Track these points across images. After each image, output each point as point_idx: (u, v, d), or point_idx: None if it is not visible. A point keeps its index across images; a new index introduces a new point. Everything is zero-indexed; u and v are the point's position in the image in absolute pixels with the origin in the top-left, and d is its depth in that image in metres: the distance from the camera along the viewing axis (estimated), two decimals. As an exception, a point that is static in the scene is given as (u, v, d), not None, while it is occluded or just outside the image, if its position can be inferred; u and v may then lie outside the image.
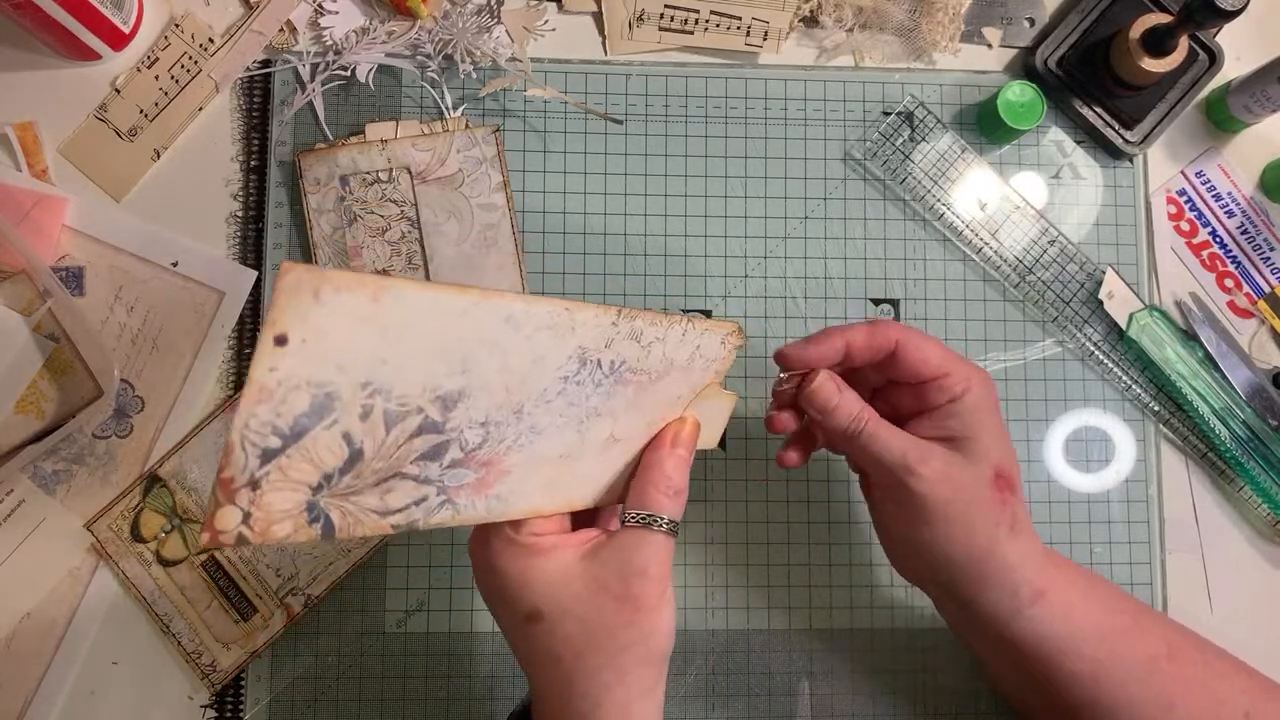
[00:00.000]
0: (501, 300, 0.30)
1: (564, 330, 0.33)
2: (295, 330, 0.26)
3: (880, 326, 0.41)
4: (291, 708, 0.50)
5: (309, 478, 0.28)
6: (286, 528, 0.28)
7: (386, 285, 0.27)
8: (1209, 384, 0.54)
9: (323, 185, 0.53)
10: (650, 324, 0.36)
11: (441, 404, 0.31)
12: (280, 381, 0.26)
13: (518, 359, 0.32)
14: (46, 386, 0.52)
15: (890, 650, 0.53)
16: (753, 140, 0.56)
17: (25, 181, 0.52)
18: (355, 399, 0.28)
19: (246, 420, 0.26)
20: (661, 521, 0.38)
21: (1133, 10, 0.55)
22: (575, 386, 0.35)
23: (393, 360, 0.28)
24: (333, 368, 0.27)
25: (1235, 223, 0.57)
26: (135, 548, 0.51)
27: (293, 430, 0.27)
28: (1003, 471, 0.41)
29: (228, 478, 0.26)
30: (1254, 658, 0.44)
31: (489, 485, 0.34)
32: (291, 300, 0.25)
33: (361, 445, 0.29)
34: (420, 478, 0.31)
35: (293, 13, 0.54)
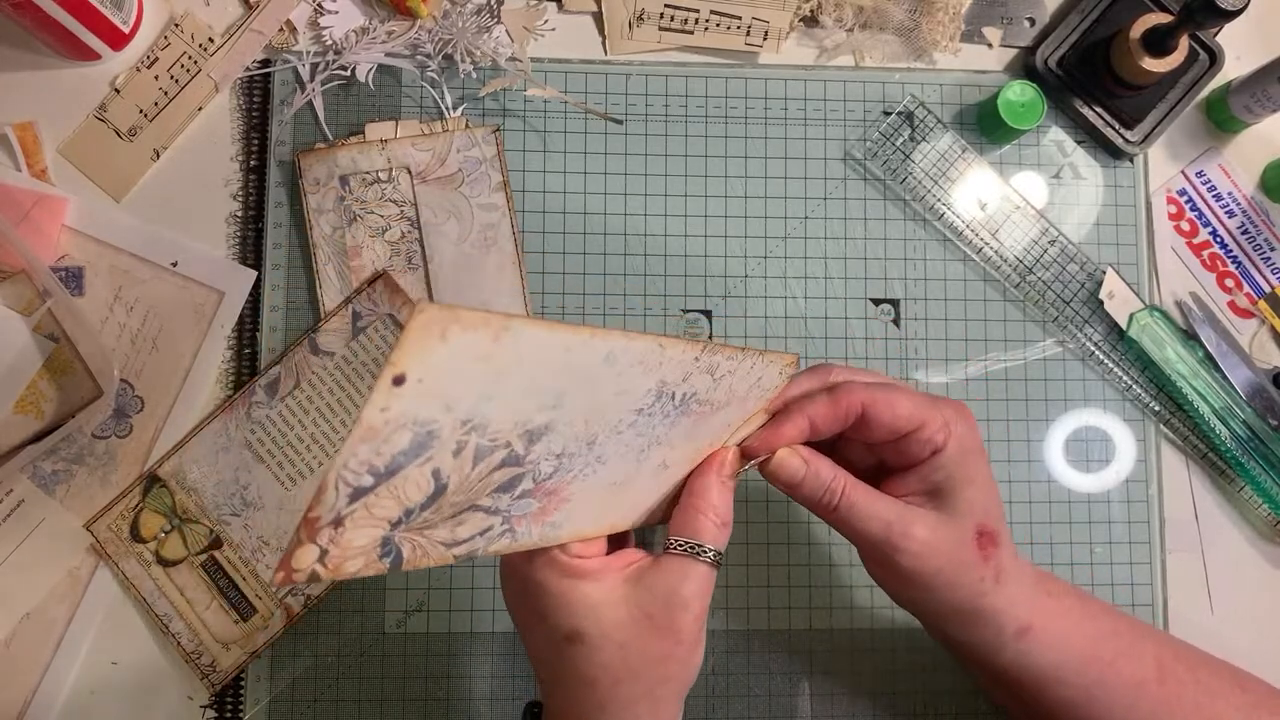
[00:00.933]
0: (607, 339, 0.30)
1: (653, 367, 0.32)
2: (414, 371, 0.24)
3: (841, 394, 0.39)
4: (291, 708, 0.50)
5: (391, 514, 0.27)
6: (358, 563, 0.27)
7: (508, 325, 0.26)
8: (1209, 384, 0.54)
9: (323, 185, 0.52)
10: (728, 359, 0.35)
11: (528, 438, 0.30)
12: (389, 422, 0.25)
13: (605, 393, 0.31)
14: (46, 386, 0.52)
15: (890, 650, 0.53)
16: (753, 140, 0.56)
17: (25, 181, 0.52)
18: (453, 436, 0.27)
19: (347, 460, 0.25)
20: (708, 551, 0.37)
21: (1133, 10, 0.55)
22: (646, 419, 0.34)
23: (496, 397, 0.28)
24: (441, 407, 0.26)
25: (1236, 223, 0.57)
26: (135, 548, 0.51)
27: (388, 469, 0.26)
28: (985, 528, 0.39)
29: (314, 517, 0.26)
30: (1254, 658, 0.44)
31: (548, 514, 0.33)
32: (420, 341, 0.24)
33: (447, 481, 0.28)
34: (491, 509, 0.31)
35: (292, 13, 0.54)
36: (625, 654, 0.35)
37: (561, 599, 0.36)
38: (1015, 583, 0.40)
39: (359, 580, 0.51)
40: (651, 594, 0.36)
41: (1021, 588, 0.40)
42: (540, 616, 0.37)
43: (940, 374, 0.55)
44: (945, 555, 0.39)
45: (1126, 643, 0.42)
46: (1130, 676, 0.41)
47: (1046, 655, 0.40)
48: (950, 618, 0.41)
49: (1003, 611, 0.40)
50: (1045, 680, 0.41)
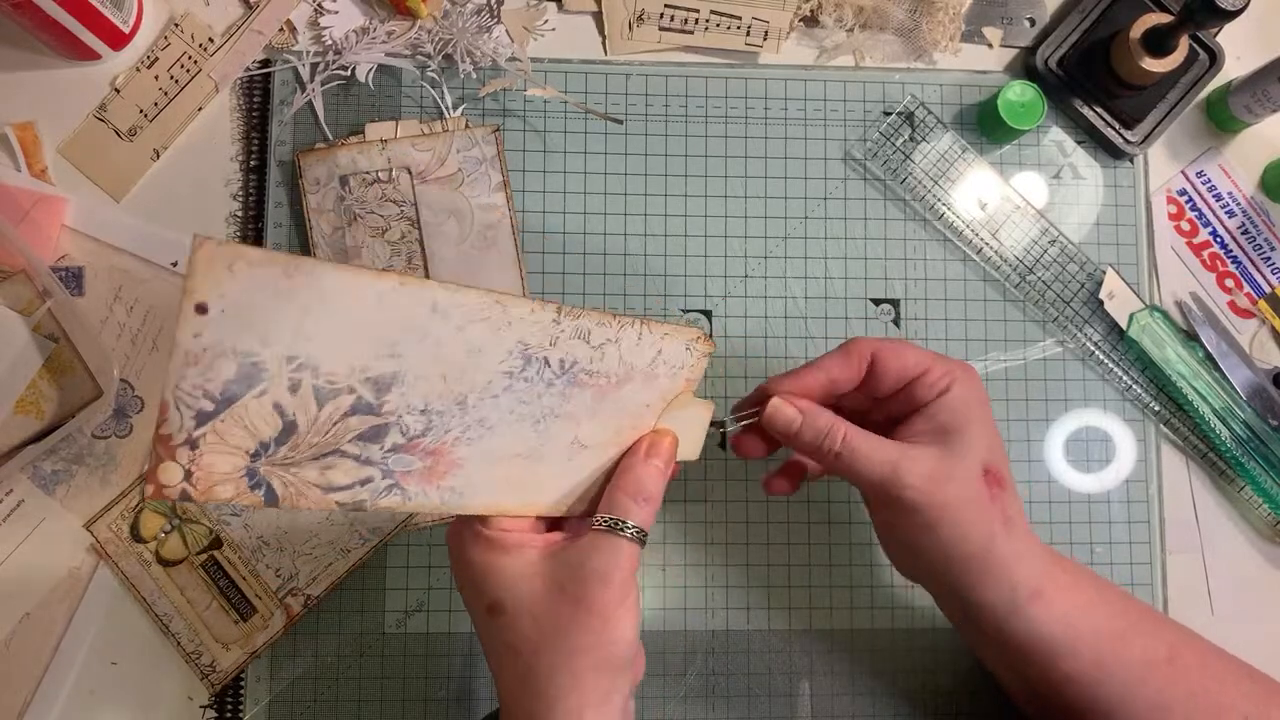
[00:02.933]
0: (424, 288, 0.32)
1: (499, 324, 0.34)
2: (214, 301, 0.28)
3: (851, 345, 0.42)
4: (291, 708, 0.50)
5: (245, 444, 0.30)
6: (229, 490, 0.30)
7: (299, 263, 0.29)
8: (1209, 384, 0.54)
9: (323, 185, 0.52)
10: (598, 323, 0.36)
11: (374, 386, 0.32)
12: (205, 348, 0.28)
13: (451, 349, 0.33)
14: (46, 386, 0.52)
15: (890, 650, 0.53)
16: (753, 140, 0.56)
17: (25, 181, 0.52)
18: (282, 371, 0.30)
19: (177, 381, 0.28)
20: (627, 527, 0.37)
21: (1133, 10, 0.55)
22: (524, 383, 0.35)
23: (316, 337, 0.30)
24: (255, 339, 0.29)
25: (1236, 223, 0.57)
26: (135, 548, 0.51)
27: (223, 395, 0.29)
28: (991, 467, 0.41)
29: (166, 434, 0.29)
30: (1254, 658, 0.44)
31: (439, 475, 0.35)
32: (207, 271, 0.27)
33: (294, 418, 0.31)
34: (361, 458, 0.33)
35: (292, 13, 0.54)
36: (539, 625, 0.36)
37: (483, 571, 0.37)
38: (1024, 537, 0.41)
39: (359, 580, 0.51)
40: (566, 567, 0.37)
41: (1031, 548, 0.41)
42: (468, 587, 0.38)
43: (940, 374, 0.55)
44: (952, 489, 0.39)
45: (1139, 621, 0.42)
46: (1141, 654, 0.41)
47: (1058, 625, 0.40)
48: (961, 570, 0.41)
49: (1014, 565, 0.40)
50: (1056, 651, 0.41)
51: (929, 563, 0.42)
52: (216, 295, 0.28)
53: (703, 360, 0.41)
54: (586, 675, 0.36)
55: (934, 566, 0.42)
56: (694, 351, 0.40)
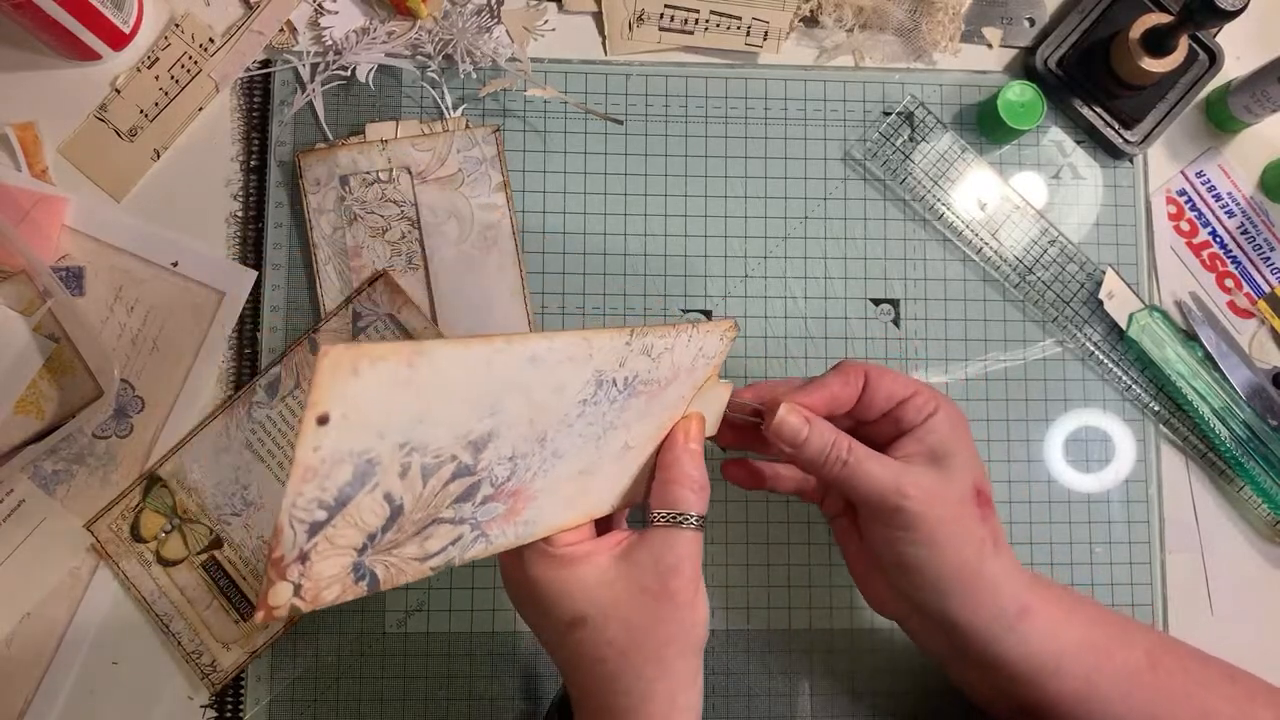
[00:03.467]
0: (525, 344, 0.31)
1: (583, 359, 0.33)
2: (336, 408, 0.26)
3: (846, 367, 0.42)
4: (291, 708, 0.50)
5: (354, 541, 0.29)
6: (334, 591, 0.29)
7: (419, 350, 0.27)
8: (1209, 384, 0.54)
9: (323, 185, 0.53)
10: (660, 337, 0.36)
11: (473, 448, 0.31)
12: (324, 459, 0.26)
13: (540, 393, 0.33)
14: (46, 386, 0.52)
15: (890, 650, 0.53)
16: (753, 140, 0.56)
17: (25, 181, 0.52)
18: (394, 460, 0.28)
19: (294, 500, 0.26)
20: (690, 519, 0.39)
21: (1133, 10, 0.55)
22: (593, 407, 0.35)
23: (428, 417, 0.29)
24: (373, 435, 0.27)
25: (1235, 223, 0.57)
26: (135, 548, 0.51)
27: (338, 501, 0.27)
28: (981, 488, 0.41)
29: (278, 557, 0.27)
30: (1254, 658, 0.44)
31: (518, 513, 0.35)
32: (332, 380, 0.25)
33: (402, 502, 0.29)
34: (456, 519, 0.32)
35: (293, 13, 0.54)
36: (628, 626, 0.37)
37: (558, 589, 0.37)
38: (1009, 557, 0.42)
39: (359, 580, 0.51)
40: (641, 567, 0.38)
41: (1015, 566, 0.42)
42: (543, 610, 0.38)
43: (940, 374, 0.55)
44: (949, 506, 0.40)
45: (1116, 630, 0.42)
46: (1124, 665, 0.41)
47: (1047, 642, 0.41)
48: (952, 588, 0.41)
49: (1003, 584, 0.40)
50: (1045, 670, 0.41)
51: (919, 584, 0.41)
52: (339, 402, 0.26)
53: (729, 345, 0.41)
54: (675, 663, 0.37)
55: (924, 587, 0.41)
56: (725, 340, 0.41)
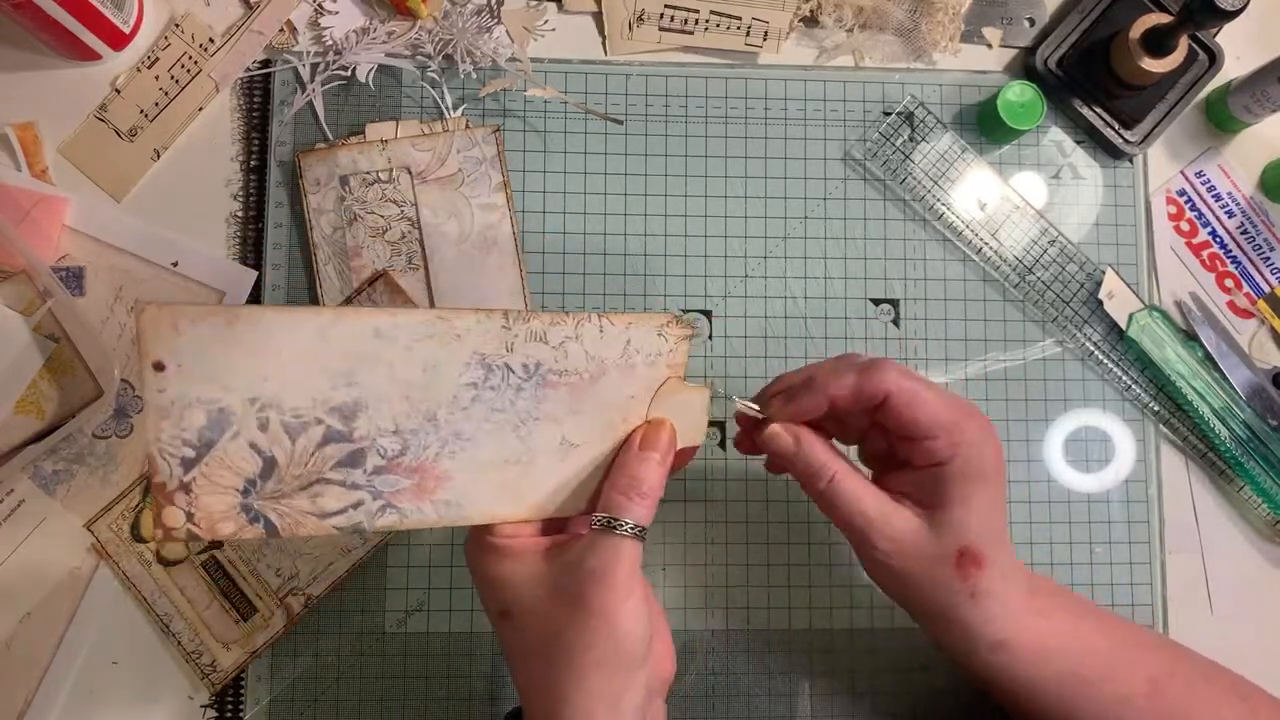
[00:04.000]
0: (360, 317, 0.34)
1: (448, 338, 0.35)
2: (168, 358, 0.31)
3: (875, 373, 0.38)
4: (291, 708, 0.50)
5: (233, 482, 0.33)
6: (230, 526, 0.33)
7: (237, 311, 0.32)
8: (1209, 384, 0.54)
9: (323, 185, 0.53)
10: (551, 324, 0.37)
11: (339, 414, 0.34)
12: (172, 400, 0.32)
13: (405, 370, 0.35)
14: (46, 386, 0.52)
15: (889, 650, 0.53)
16: (753, 140, 0.56)
17: (25, 181, 0.52)
18: (249, 413, 0.33)
19: (156, 435, 0.31)
20: (624, 525, 0.37)
21: (1133, 10, 0.55)
22: (491, 392, 0.37)
23: (272, 377, 0.33)
24: (217, 387, 0.32)
25: (1235, 223, 0.57)
26: (135, 548, 0.51)
27: (201, 441, 0.32)
28: (970, 550, 0.39)
29: (160, 483, 0.32)
30: (1254, 658, 0.44)
31: (430, 491, 0.36)
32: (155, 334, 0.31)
33: (272, 454, 0.34)
34: (347, 483, 0.35)
35: (293, 13, 0.54)
36: (543, 627, 0.37)
37: (489, 578, 0.38)
38: (997, 602, 0.40)
39: (359, 580, 0.51)
40: (564, 568, 0.37)
41: (1004, 607, 0.40)
42: (482, 596, 0.39)
43: (940, 374, 0.55)
44: (919, 563, 0.39)
45: (1116, 660, 0.41)
46: (1114, 694, 0.40)
47: (1020, 671, 0.40)
48: (923, 619, 0.42)
49: (976, 626, 0.40)
50: (1019, 694, 0.41)
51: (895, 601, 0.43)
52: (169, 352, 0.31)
53: (683, 344, 0.40)
54: (590, 674, 0.36)
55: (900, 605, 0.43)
56: (668, 337, 0.39)
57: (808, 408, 0.40)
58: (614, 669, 0.36)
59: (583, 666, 0.36)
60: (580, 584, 0.36)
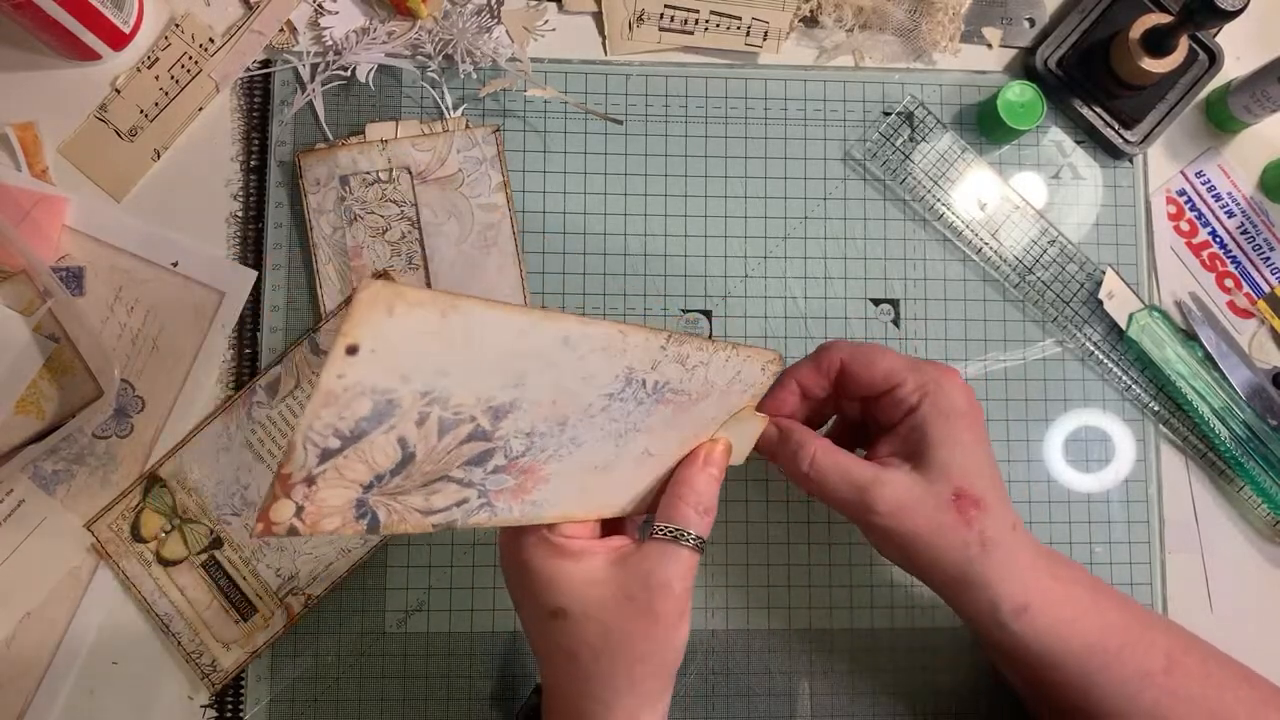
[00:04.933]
0: (561, 322, 0.32)
1: (616, 353, 0.34)
2: (366, 341, 0.27)
3: (824, 350, 0.42)
4: (291, 708, 0.50)
5: (362, 477, 0.30)
6: (335, 521, 0.30)
7: (455, 303, 0.28)
8: (1209, 384, 0.54)
9: (323, 185, 0.53)
10: (697, 349, 0.37)
11: (493, 414, 0.32)
12: (347, 388, 0.28)
13: (569, 377, 0.33)
14: (46, 386, 0.52)
15: (890, 650, 0.53)
16: (753, 140, 0.56)
17: (25, 181, 0.52)
18: (414, 406, 0.30)
19: (311, 422, 0.28)
20: (689, 537, 0.38)
21: (1133, 10, 0.55)
22: (619, 404, 0.36)
23: (453, 372, 0.30)
24: (397, 377, 0.29)
25: (1235, 223, 0.57)
26: (135, 548, 0.51)
27: (353, 433, 0.29)
28: (964, 490, 0.39)
29: (287, 474, 0.28)
30: (1254, 658, 0.44)
31: (527, 491, 0.35)
32: (368, 314, 0.27)
33: (414, 449, 0.31)
34: (465, 481, 0.33)
35: (293, 13, 0.54)
36: (605, 631, 0.37)
37: (548, 577, 0.37)
38: (1008, 555, 0.40)
39: (359, 580, 0.51)
40: (632, 576, 0.37)
41: (1017, 563, 0.40)
42: (530, 593, 0.38)
43: (940, 374, 0.55)
44: (921, 516, 0.39)
45: (1135, 635, 0.41)
46: (1135, 668, 0.41)
47: (1045, 639, 0.40)
48: (942, 587, 0.41)
49: (995, 584, 0.40)
50: (1043, 663, 0.41)
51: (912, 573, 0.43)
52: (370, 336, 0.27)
53: (771, 380, 0.41)
54: (646, 680, 0.37)
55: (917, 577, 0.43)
56: (767, 372, 0.41)
57: (782, 396, 0.42)
58: (662, 675, 0.38)
59: (640, 673, 0.37)
60: (650, 593, 0.37)
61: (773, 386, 0.42)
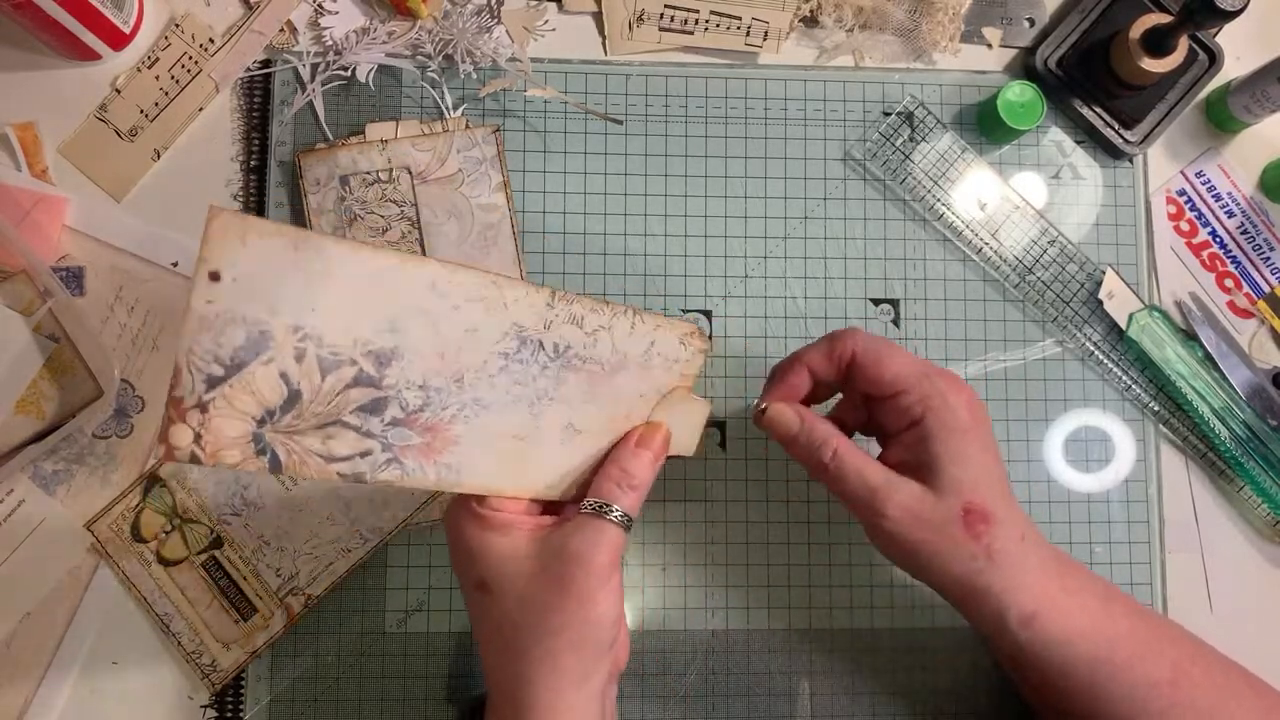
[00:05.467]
0: (422, 266, 0.33)
1: (495, 305, 0.35)
2: (226, 269, 0.30)
3: (838, 337, 0.41)
4: (291, 708, 0.50)
5: (252, 410, 0.32)
6: (235, 455, 0.32)
7: (306, 236, 0.31)
8: (1209, 384, 0.54)
9: (323, 185, 0.53)
10: (590, 310, 0.38)
11: (375, 359, 0.34)
12: (217, 314, 0.30)
13: (448, 327, 0.35)
14: (46, 386, 0.52)
15: (890, 650, 0.53)
16: (753, 140, 0.56)
17: (25, 181, 0.52)
18: (288, 340, 0.32)
19: (190, 345, 0.30)
20: (612, 511, 0.38)
21: (1133, 10, 0.55)
22: (519, 365, 0.37)
23: (321, 309, 0.32)
24: (264, 308, 0.31)
25: (1235, 223, 0.57)
26: (135, 548, 0.51)
27: (233, 360, 0.31)
28: (974, 505, 0.39)
29: (178, 397, 0.30)
30: (1254, 658, 0.44)
31: (437, 451, 0.36)
32: (221, 241, 0.29)
33: (299, 387, 0.33)
34: (362, 430, 0.34)
35: (293, 13, 0.54)
36: (521, 604, 0.37)
37: (475, 548, 0.38)
38: (1016, 566, 0.40)
39: (359, 580, 0.51)
40: (550, 548, 0.37)
41: (1025, 573, 0.40)
42: (461, 564, 0.39)
43: (940, 374, 0.55)
44: (929, 529, 0.39)
45: (1143, 646, 0.41)
46: (1143, 679, 0.40)
47: (1052, 649, 0.40)
48: (948, 592, 0.41)
49: (1003, 594, 0.40)
50: (1050, 672, 0.41)
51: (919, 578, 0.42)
52: (229, 264, 0.29)
53: (698, 357, 0.41)
54: (564, 655, 0.37)
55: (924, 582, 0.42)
56: (688, 347, 0.41)
57: (793, 381, 0.42)
58: (585, 650, 0.37)
59: (557, 645, 0.37)
60: (564, 565, 0.37)
61: (784, 368, 0.43)
